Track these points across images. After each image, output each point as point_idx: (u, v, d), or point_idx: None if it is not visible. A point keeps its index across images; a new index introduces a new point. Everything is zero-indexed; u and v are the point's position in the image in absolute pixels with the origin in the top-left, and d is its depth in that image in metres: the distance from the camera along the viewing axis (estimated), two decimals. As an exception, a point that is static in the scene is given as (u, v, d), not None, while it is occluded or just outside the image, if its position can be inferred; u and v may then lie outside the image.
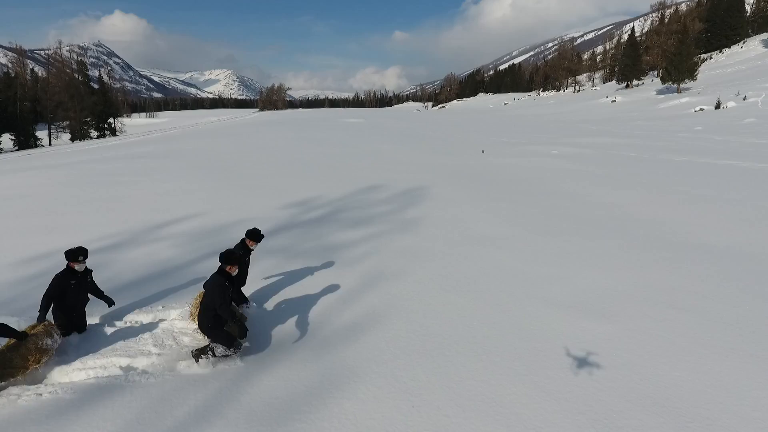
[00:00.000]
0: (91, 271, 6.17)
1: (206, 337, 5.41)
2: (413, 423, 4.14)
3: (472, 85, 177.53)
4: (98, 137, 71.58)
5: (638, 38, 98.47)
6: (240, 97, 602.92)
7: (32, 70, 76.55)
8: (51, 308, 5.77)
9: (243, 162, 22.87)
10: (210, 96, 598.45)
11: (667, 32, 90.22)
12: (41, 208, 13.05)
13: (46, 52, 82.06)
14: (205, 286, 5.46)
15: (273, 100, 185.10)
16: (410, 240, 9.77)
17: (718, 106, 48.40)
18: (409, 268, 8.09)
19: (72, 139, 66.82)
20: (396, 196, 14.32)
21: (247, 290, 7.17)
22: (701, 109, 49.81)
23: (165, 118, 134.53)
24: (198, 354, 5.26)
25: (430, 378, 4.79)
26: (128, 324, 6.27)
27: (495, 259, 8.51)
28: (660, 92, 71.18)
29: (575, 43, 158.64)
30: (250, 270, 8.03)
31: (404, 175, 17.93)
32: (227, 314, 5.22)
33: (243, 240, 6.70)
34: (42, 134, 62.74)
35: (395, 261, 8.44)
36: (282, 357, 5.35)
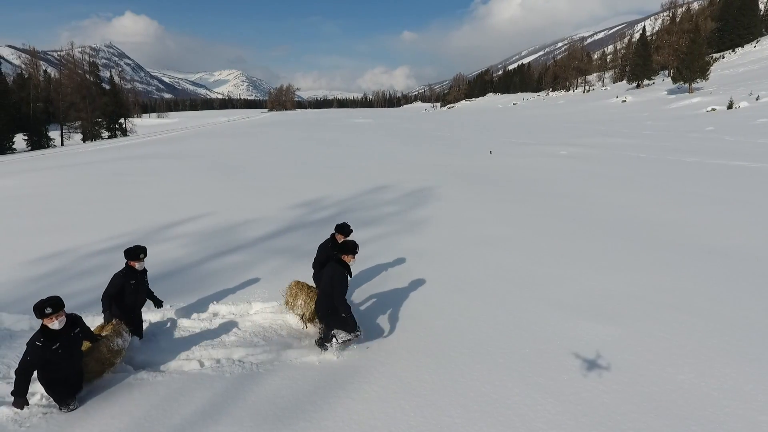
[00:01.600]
0: (146, 270, 6.03)
1: (322, 324, 5.52)
2: (417, 423, 4.16)
3: (480, 85, 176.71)
4: (109, 137, 72.25)
5: (649, 38, 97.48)
6: (249, 98, 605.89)
7: (45, 71, 77.36)
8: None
9: (251, 162, 23.02)
10: (219, 96, 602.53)
11: (679, 31, 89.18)
12: (53, 208, 13.25)
13: (59, 53, 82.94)
14: (323, 273, 5.54)
15: (282, 100, 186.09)
16: (416, 241, 9.78)
17: (730, 106, 47.76)
18: (414, 268, 8.11)
19: (84, 140, 67.53)
20: (403, 196, 14.35)
21: (255, 290, 7.24)
22: (713, 109, 49.19)
23: (175, 118, 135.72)
24: (321, 342, 5.46)
25: (434, 378, 4.81)
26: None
27: (501, 260, 8.50)
28: (671, 92, 70.39)
29: (585, 43, 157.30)
30: (259, 269, 8.13)
31: (411, 176, 17.94)
32: (344, 307, 5.29)
33: (332, 235, 6.71)
34: (54, 134, 63.48)
35: (401, 261, 8.47)
36: (288, 357, 5.39)
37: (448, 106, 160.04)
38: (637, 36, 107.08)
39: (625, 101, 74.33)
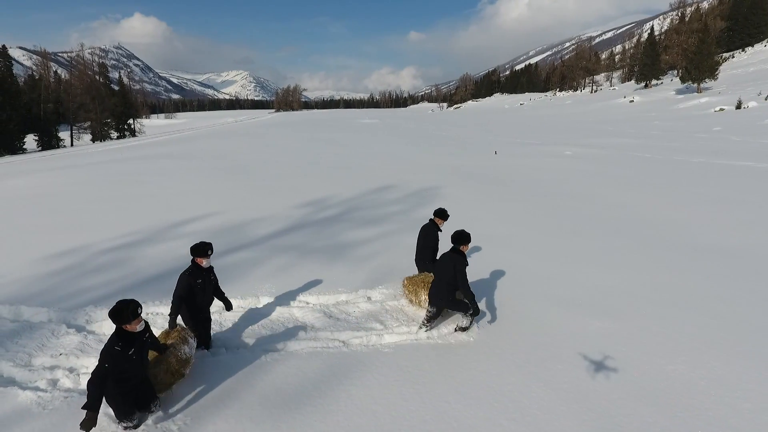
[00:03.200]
0: (212, 267, 5.73)
1: (434, 307, 5.92)
2: (416, 408, 4.39)
3: (487, 85, 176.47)
4: (118, 138, 73.02)
5: (658, 37, 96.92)
6: (256, 98, 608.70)
7: (55, 72, 78.28)
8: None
9: (258, 162, 23.32)
10: (227, 97, 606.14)
11: (688, 31, 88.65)
12: (65, 207, 13.60)
13: (68, 54, 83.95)
14: (441, 261, 5.97)
15: (289, 100, 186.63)
16: (420, 239, 9.97)
17: (738, 106, 47.42)
18: (417, 265, 8.31)
19: (93, 140, 68.33)
20: (408, 196, 14.55)
21: (263, 286, 7.48)
22: (721, 109, 48.85)
23: (183, 119, 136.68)
24: (425, 322, 5.96)
25: (434, 368, 5.03)
26: (149, 315, 6.60)
27: (503, 257, 8.68)
28: (679, 92, 69.99)
29: (593, 43, 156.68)
30: (267, 266, 8.38)
31: (417, 176, 18.14)
32: (470, 291, 5.71)
33: (431, 220, 7.15)
34: (64, 135, 64.28)
35: (405, 258, 8.65)
36: (294, 347, 5.64)
37: (455, 106, 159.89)
38: (645, 35, 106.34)
39: (632, 101, 73.97)
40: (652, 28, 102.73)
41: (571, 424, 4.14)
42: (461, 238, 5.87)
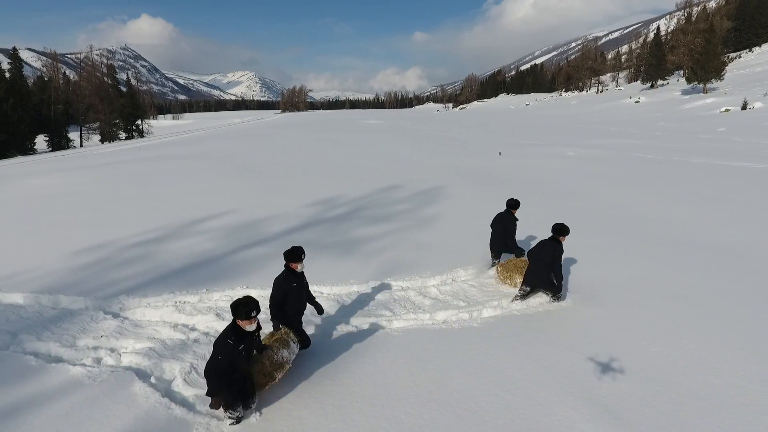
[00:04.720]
0: (303, 273, 5.73)
1: (529, 287, 6.88)
2: (421, 381, 4.95)
3: (493, 85, 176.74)
4: (126, 138, 74.03)
5: (664, 37, 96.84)
6: (262, 99, 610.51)
7: (64, 73, 79.34)
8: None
9: (267, 163, 23.93)
10: (233, 98, 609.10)
11: (694, 31, 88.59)
12: (86, 205, 14.27)
13: (77, 56, 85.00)
14: (539, 248, 6.84)
15: (294, 101, 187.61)
16: (425, 235, 10.54)
17: (744, 107, 47.59)
18: (422, 260, 8.87)
19: (102, 141, 69.33)
20: (413, 195, 15.09)
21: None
22: (726, 110, 49.01)
23: (190, 119, 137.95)
24: (518, 297, 6.92)
25: (438, 348, 5.59)
26: (176, 303, 7.18)
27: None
28: (685, 92, 70.10)
29: (599, 43, 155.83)
30: (280, 261, 8.91)
31: (422, 176, 18.67)
32: (561, 274, 6.70)
33: (508, 210, 8.30)
34: (74, 135, 65.31)
35: (411, 254, 9.23)
36: (312, 331, 6.20)
37: (461, 107, 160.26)
38: (652, 35, 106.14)
39: (638, 102, 74.06)
40: (658, 28, 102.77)
41: (557, 395, 4.69)
42: (563, 229, 6.74)
